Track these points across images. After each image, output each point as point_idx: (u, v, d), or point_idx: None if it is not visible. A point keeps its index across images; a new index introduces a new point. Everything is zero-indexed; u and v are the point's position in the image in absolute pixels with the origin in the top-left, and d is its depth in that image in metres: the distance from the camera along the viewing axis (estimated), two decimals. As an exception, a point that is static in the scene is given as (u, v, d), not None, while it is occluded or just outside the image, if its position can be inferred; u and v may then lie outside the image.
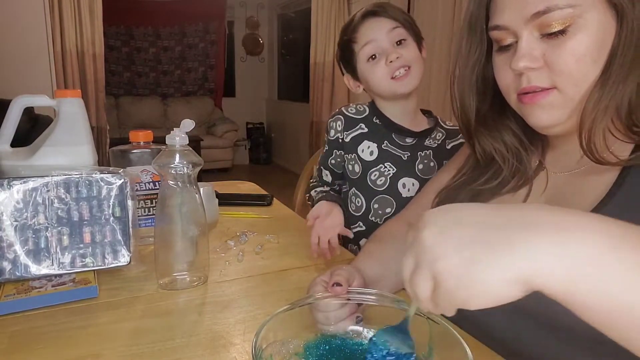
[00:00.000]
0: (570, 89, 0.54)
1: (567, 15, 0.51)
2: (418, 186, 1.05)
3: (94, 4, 3.32)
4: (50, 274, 0.73)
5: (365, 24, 1.02)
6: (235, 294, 0.75)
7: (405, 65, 0.99)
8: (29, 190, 0.72)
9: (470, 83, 0.65)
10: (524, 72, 0.56)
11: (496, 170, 0.67)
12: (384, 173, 1.06)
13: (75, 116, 0.92)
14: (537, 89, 0.55)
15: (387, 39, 0.99)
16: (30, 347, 0.59)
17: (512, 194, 0.66)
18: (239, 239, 1.01)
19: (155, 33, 5.77)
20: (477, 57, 0.64)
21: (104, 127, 3.57)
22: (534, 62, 0.54)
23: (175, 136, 0.74)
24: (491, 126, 0.66)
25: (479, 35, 0.62)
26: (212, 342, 0.60)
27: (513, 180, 0.66)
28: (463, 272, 0.36)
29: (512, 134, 0.66)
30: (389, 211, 1.06)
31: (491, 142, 0.66)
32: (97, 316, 0.67)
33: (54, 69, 3.28)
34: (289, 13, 5.94)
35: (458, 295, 0.37)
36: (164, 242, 0.76)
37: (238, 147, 6.15)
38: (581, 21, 0.51)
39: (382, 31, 1.00)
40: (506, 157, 0.66)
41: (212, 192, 1.08)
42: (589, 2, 0.51)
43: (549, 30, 0.53)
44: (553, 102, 0.55)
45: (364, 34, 1.02)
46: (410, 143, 1.07)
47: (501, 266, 0.35)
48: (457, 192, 0.70)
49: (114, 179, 0.78)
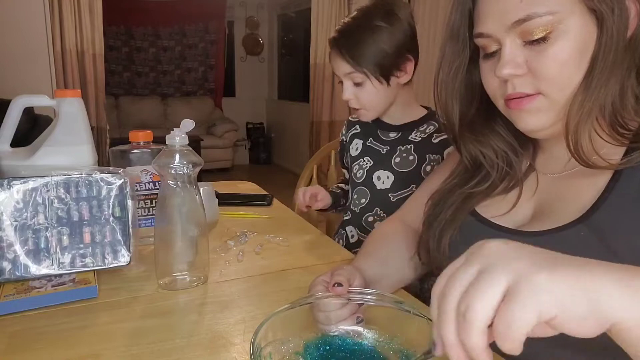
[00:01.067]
0: (556, 94, 0.55)
1: (547, 22, 0.52)
2: (393, 179, 1.11)
3: (94, 4, 3.32)
4: (50, 274, 0.73)
5: (334, 52, 1.05)
6: (235, 294, 0.75)
7: (359, 107, 1.06)
8: (29, 190, 0.72)
9: (453, 89, 0.66)
10: (509, 79, 0.56)
11: (485, 174, 0.68)
12: (362, 166, 1.15)
13: (75, 116, 0.92)
14: (523, 95, 0.56)
15: (345, 78, 1.04)
16: (30, 347, 0.59)
17: (503, 195, 0.66)
18: (239, 239, 1.01)
19: (155, 33, 5.77)
20: (459, 63, 0.64)
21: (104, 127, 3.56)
22: (518, 69, 0.55)
23: (175, 136, 0.74)
24: (478, 131, 0.67)
25: (461, 42, 0.63)
26: (212, 342, 0.60)
27: (502, 184, 0.66)
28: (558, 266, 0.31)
29: (502, 139, 0.66)
30: (363, 201, 1.14)
31: (478, 147, 0.67)
32: (96, 316, 0.67)
33: (53, 69, 3.28)
34: (289, 13, 5.94)
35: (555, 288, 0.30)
36: (164, 242, 0.76)
37: (238, 147, 6.15)
38: (562, 27, 0.52)
39: (340, 71, 1.04)
40: (494, 162, 0.66)
41: (212, 192, 1.08)
42: (568, 9, 0.52)
43: (530, 37, 0.54)
44: (539, 106, 0.57)
45: (333, 62, 1.06)
46: (393, 138, 1.12)
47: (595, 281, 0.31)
48: (449, 195, 0.70)
49: (114, 179, 0.78)
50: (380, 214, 1.11)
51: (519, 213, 0.64)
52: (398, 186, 1.10)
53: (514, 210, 0.64)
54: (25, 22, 3.18)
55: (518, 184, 0.65)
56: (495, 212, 0.66)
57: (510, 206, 0.64)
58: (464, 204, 0.68)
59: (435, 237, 0.69)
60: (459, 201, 0.68)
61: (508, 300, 0.31)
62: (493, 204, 0.66)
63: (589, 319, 0.30)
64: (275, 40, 6.28)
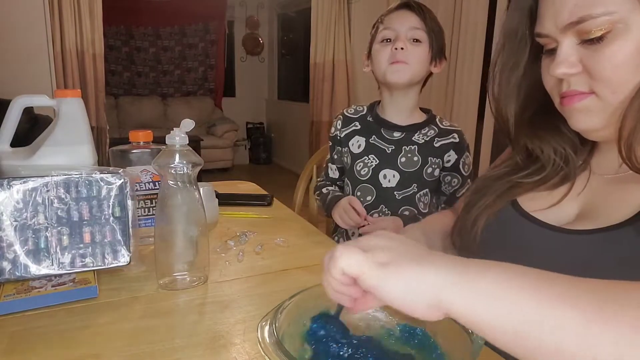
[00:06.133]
0: (608, 95, 0.54)
1: (603, 22, 0.51)
2: (398, 178, 1.12)
3: (94, 4, 3.32)
4: (50, 274, 0.73)
5: (397, 12, 1.10)
6: (235, 294, 0.75)
7: (406, 60, 1.06)
8: (29, 190, 0.72)
9: (508, 85, 0.66)
10: (563, 77, 0.56)
11: (540, 167, 0.67)
12: (367, 164, 1.15)
13: (75, 116, 0.92)
14: (577, 92, 0.56)
15: (406, 32, 1.06)
16: (30, 347, 0.58)
17: (550, 191, 0.65)
18: (239, 239, 1.01)
19: (155, 33, 5.77)
20: (516, 61, 0.64)
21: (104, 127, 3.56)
22: (571, 68, 0.55)
23: (175, 136, 0.74)
24: (539, 127, 0.66)
25: (520, 40, 0.63)
26: (212, 342, 0.60)
27: (554, 179, 0.65)
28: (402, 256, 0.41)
29: (563, 136, 0.66)
30: (369, 199, 1.15)
31: (538, 142, 0.66)
32: (97, 316, 0.67)
33: (54, 69, 3.27)
34: (289, 13, 5.94)
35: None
36: (164, 242, 0.76)
37: (238, 147, 6.15)
38: (621, 27, 0.51)
39: (405, 24, 1.07)
40: (551, 157, 0.66)
41: (212, 192, 1.08)
42: (628, 8, 0.50)
43: (587, 36, 0.53)
44: (590, 106, 0.56)
45: (390, 19, 1.09)
46: (397, 137, 1.14)
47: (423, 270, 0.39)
48: (495, 181, 0.70)
49: (114, 179, 0.77)
50: (385, 211, 1.12)
51: (563, 211, 0.63)
52: (402, 185, 1.12)
53: (558, 207, 0.63)
54: (25, 22, 3.18)
55: (570, 180, 0.64)
56: (537, 206, 0.65)
57: (555, 201, 0.63)
58: (509, 191, 0.68)
59: (471, 219, 0.69)
60: (503, 189, 0.68)
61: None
62: (536, 198, 0.66)
63: (408, 301, 0.39)
64: (275, 40, 6.28)
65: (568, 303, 0.33)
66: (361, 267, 0.41)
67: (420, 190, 1.12)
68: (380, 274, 0.40)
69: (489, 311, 0.35)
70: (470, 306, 0.36)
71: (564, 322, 0.33)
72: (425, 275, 0.38)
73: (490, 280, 0.36)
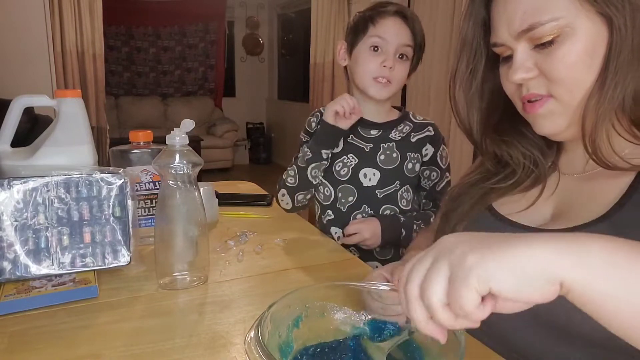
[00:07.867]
0: (566, 96, 0.56)
1: (552, 28, 0.53)
2: (379, 176, 1.11)
3: (94, 4, 3.32)
4: (50, 274, 0.73)
5: (392, 20, 1.06)
6: (235, 294, 0.75)
7: (391, 78, 1.05)
8: (29, 190, 0.72)
9: (468, 94, 0.67)
10: (522, 82, 0.58)
11: (511, 172, 0.68)
12: (347, 164, 1.12)
13: (75, 116, 0.92)
14: (537, 96, 0.58)
15: (396, 47, 1.04)
16: (30, 347, 0.59)
17: (523, 193, 0.67)
18: (239, 239, 1.01)
19: (155, 33, 5.77)
20: (473, 70, 0.66)
21: (104, 127, 3.56)
22: (528, 73, 0.57)
23: (175, 136, 0.74)
24: (505, 133, 0.68)
25: (474, 50, 0.65)
26: (212, 342, 0.60)
27: (527, 181, 0.67)
28: (488, 248, 0.36)
29: (529, 140, 0.67)
30: (351, 200, 1.12)
31: (505, 148, 0.68)
32: (97, 316, 0.67)
33: (54, 69, 3.27)
34: (289, 13, 5.94)
35: (484, 266, 0.35)
36: (164, 242, 0.76)
37: (238, 147, 6.15)
38: (568, 30, 0.53)
39: (397, 38, 1.04)
40: (521, 162, 0.67)
41: (212, 192, 1.09)
42: (574, 12, 0.53)
43: (539, 41, 0.55)
44: (552, 109, 0.58)
45: (384, 27, 1.05)
46: (374, 135, 1.13)
47: (528, 250, 0.35)
48: (469, 189, 0.71)
49: (114, 179, 0.78)
50: (367, 210, 1.11)
51: (538, 212, 0.64)
52: (383, 183, 1.11)
53: (532, 208, 0.64)
54: (25, 22, 3.18)
55: (541, 182, 0.66)
56: (512, 209, 0.66)
57: (529, 204, 0.65)
58: (483, 198, 0.69)
59: (450, 227, 0.70)
60: (478, 195, 0.69)
61: (450, 284, 0.36)
62: (511, 202, 0.67)
63: (525, 287, 0.34)
64: (275, 40, 6.28)
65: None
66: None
67: (402, 187, 1.11)
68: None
69: (608, 280, 0.34)
70: (590, 277, 0.34)
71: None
72: (535, 254, 0.35)
73: (597, 251, 0.35)
